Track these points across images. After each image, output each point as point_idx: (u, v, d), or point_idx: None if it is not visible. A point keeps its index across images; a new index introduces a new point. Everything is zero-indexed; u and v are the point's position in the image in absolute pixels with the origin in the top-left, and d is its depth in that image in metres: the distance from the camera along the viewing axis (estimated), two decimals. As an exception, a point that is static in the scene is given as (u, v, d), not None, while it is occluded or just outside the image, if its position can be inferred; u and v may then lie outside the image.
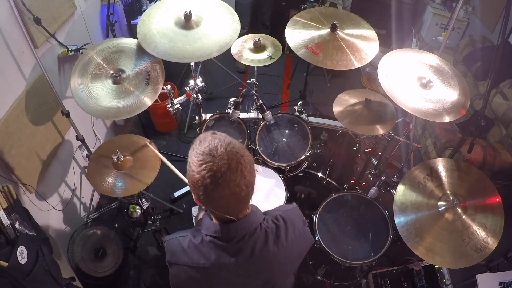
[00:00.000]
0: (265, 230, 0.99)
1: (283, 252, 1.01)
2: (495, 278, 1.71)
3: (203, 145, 0.89)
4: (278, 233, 1.00)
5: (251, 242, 0.96)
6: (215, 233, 0.96)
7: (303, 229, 1.08)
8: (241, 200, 0.92)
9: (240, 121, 2.10)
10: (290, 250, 1.03)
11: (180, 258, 0.98)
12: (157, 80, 1.70)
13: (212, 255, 0.96)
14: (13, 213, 1.31)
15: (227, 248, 0.96)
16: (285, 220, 1.03)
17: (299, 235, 1.06)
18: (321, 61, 1.73)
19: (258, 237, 0.97)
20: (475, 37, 3.22)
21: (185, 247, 0.98)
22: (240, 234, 0.96)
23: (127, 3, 2.85)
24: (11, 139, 1.66)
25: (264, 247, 0.97)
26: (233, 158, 0.87)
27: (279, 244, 0.99)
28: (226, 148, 0.88)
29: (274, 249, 0.99)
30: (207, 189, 0.87)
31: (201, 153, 0.88)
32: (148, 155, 1.79)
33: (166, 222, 2.59)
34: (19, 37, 1.69)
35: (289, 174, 2.06)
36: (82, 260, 2.12)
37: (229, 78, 3.22)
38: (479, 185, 1.61)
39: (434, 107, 1.59)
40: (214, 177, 0.85)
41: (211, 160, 0.86)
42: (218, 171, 0.85)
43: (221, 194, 0.88)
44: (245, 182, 0.89)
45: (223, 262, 0.96)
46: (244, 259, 0.96)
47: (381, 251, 1.77)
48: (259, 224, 0.99)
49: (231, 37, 1.67)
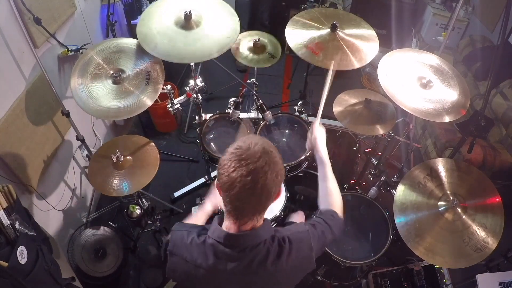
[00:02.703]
0: (267, 248, 0.99)
1: (280, 273, 1.01)
2: (495, 278, 1.71)
3: (239, 147, 0.93)
4: (280, 255, 1.00)
5: (251, 256, 0.97)
6: (219, 239, 0.97)
7: (308, 254, 1.07)
8: (255, 201, 0.93)
9: (240, 121, 2.10)
10: (288, 273, 1.03)
11: (180, 251, 1.01)
12: (157, 80, 1.69)
13: (210, 257, 0.97)
14: (13, 213, 1.31)
15: (226, 254, 0.97)
16: (291, 243, 1.03)
17: (302, 259, 1.05)
18: (321, 61, 1.73)
19: (259, 252, 0.98)
20: (475, 37, 3.22)
21: (187, 242, 1.01)
22: (242, 245, 0.97)
23: (127, 3, 2.85)
24: (11, 139, 1.66)
25: (262, 264, 0.98)
26: (264, 158, 0.91)
27: (278, 265, 0.99)
28: (263, 147, 0.93)
29: (271, 269, 0.99)
30: (224, 185, 0.91)
31: (232, 152, 0.93)
32: (148, 155, 1.79)
33: (166, 222, 2.59)
34: (19, 37, 1.69)
35: (289, 174, 2.06)
36: (82, 260, 2.12)
37: (229, 78, 3.22)
38: (479, 185, 1.61)
39: (434, 107, 1.59)
40: (238, 162, 0.90)
41: (245, 149, 0.92)
42: (244, 160, 0.89)
43: (235, 179, 0.90)
44: (263, 184, 0.91)
45: (219, 267, 0.97)
46: (240, 269, 0.97)
47: (381, 251, 1.77)
48: (263, 241, 0.99)
49: (231, 38, 1.67)
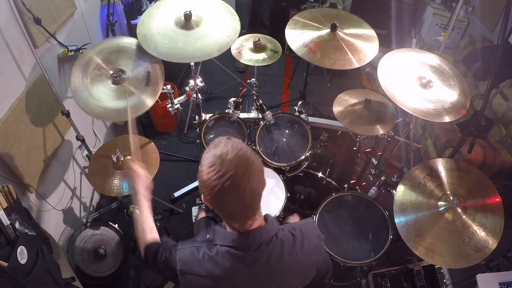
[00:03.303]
0: (281, 239, 1.00)
1: (297, 261, 1.02)
2: (495, 278, 1.71)
3: (216, 149, 0.92)
4: (294, 243, 1.01)
5: (268, 251, 0.97)
6: (232, 243, 0.97)
7: (318, 243, 1.09)
8: (247, 206, 0.93)
9: (240, 121, 2.10)
10: (304, 261, 1.04)
11: (193, 268, 0.98)
12: (157, 80, 1.69)
13: (227, 265, 0.96)
14: (13, 213, 1.31)
15: (243, 257, 0.96)
16: (302, 232, 1.04)
17: (314, 248, 1.07)
18: (318, 59, 1.73)
19: (275, 246, 0.98)
20: (475, 37, 3.22)
21: (199, 257, 0.99)
22: (257, 243, 0.97)
23: (127, 3, 2.85)
24: (11, 139, 1.66)
25: (280, 256, 0.99)
26: (241, 165, 0.89)
27: (294, 253, 1.01)
28: (237, 154, 0.90)
29: (289, 259, 1.00)
30: (212, 191, 0.89)
31: (213, 156, 0.91)
32: (148, 155, 1.79)
33: (166, 222, 2.59)
34: (19, 37, 1.69)
35: (289, 174, 2.06)
36: (82, 260, 2.12)
37: (229, 78, 3.22)
38: (479, 185, 1.61)
39: (434, 107, 1.59)
40: (220, 181, 0.87)
41: (220, 164, 0.89)
42: (224, 176, 0.87)
43: (226, 199, 0.90)
44: (251, 189, 0.91)
45: (239, 271, 0.97)
46: (260, 268, 0.97)
47: (381, 251, 1.77)
48: (275, 234, 1.00)
49: (231, 37, 1.67)
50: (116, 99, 1.64)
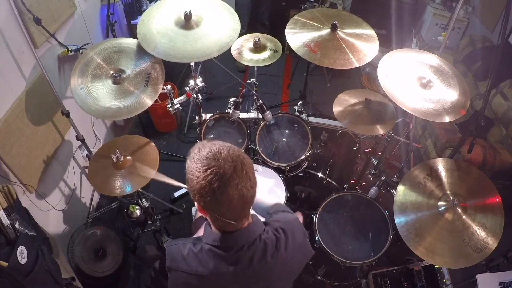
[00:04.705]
0: (264, 242, 0.99)
1: (281, 263, 1.02)
2: (495, 278, 1.71)
3: (205, 151, 0.90)
4: (278, 245, 1.00)
5: (250, 253, 0.97)
6: (214, 242, 0.97)
7: (303, 240, 1.09)
8: (248, 201, 0.93)
9: (240, 121, 2.09)
10: (289, 261, 1.04)
11: (179, 265, 0.98)
12: (157, 80, 1.70)
13: (210, 263, 0.96)
14: (13, 213, 1.31)
15: (225, 257, 0.96)
16: (285, 232, 1.04)
17: (299, 246, 1.06)
18: (318, 59, 1.74)
19: (257, 248, 0.98)
20: (475, 37, 3.22)
21: (185, 254, 0.99)
22: (239, 244, 0.96)
23: (127, 3, 2.85)
24: (11, 139, 1.66)
25: (263, 258, 0.98)
26: (237, 160, 0.89)
27: (278, 256, 1.00)
28: (228, 151, 0.90)
29: (272, 261, 0.99)
30: (215, 193, 0.86)
31: (205, 159, 0.88)
32: (148, 155, 1.79)
33: (166, 222, 2.59)
34: (19, 37, 1.69)
35: (289, 174, 2.06)
36: (82, 260, 2.12)
37: (229, 78, 3.22)
38: (479, 185, 1.61)
39: (434, 107, 1.59)
40: (222, 180, 0.86)
41: (216, 163, 0.87)
42: (225, 174, 0.86)
43: (230, 197, 0.88)
44: (251, 183, 0.91)
45: (221, 271, 0.96)
46: (242, 269, 0.97)
47: (381, 251, 1.77)
48: (258, 235, 0.99)
49: (231, 37, 1.67)
50: (116, 99, 1.64)
